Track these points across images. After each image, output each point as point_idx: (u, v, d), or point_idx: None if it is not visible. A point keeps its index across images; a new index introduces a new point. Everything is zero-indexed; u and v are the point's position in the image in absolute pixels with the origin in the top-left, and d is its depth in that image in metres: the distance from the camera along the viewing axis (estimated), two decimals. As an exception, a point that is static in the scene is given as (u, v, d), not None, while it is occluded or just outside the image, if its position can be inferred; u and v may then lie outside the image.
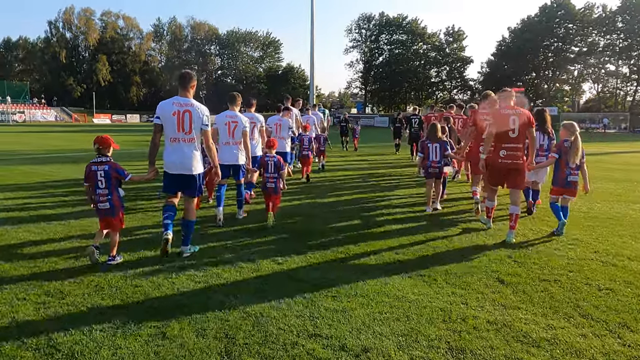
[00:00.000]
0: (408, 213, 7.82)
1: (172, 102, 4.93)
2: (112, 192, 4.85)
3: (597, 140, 33.27)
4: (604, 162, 17.53)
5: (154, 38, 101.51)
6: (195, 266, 4.88)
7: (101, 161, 4.85)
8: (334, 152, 19.72)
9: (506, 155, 6.05)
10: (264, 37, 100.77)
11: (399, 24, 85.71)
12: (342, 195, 9.65)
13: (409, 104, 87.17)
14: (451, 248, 5.74)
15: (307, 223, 6.97)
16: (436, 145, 7.88)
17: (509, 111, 6.07)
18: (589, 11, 71.46)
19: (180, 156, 4.94)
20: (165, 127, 4.93)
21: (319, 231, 6.44)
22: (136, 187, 9.40)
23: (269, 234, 6.26)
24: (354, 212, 7.83)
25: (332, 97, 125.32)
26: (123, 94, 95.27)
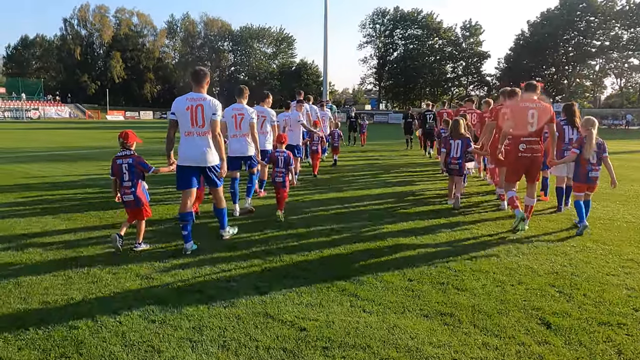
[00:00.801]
0: (422, 220, 6.80)
1: (186, 98, 5.07)
2: (135, 184, 5.06)
3: (618, 137, 31.63)
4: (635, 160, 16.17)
5: (168, 35, 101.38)
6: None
7: (125, 154, 5.08)
8: (343, 149, 18.62)
9: (525, 149, 6.02)
10: (277, 33, 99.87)
11: (414, 18, 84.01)
12: (349, 191, 9.39)
13: (424, 100, 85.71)
14: (476, 270, 4.66)
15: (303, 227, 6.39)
16: (458, 141, 7.78)
17: (528, 104, 6.01)
18: (612, 3, 68.95)
19: (195, 149, 5.07)
20: (180, 122, 5.07)
21: (318, 245, 5.47)
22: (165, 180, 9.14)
23: (275, 230, 6.12)
24: (362, 217, 7.04)
25: (346, 94, 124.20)
26: (137, 91, 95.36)
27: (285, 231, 6.11)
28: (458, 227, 6.42)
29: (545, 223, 6.67)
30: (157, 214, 6.82)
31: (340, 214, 7.19)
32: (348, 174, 11.93)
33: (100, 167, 12.63)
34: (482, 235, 6.02)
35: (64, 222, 6.51)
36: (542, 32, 71.74)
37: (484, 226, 6.51)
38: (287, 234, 6.00)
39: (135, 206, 5.11)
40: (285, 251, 5.22)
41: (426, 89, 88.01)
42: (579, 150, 6.09)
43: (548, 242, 5.67)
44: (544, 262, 4.90)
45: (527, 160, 6.06)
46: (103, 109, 79.61)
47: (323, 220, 6.70)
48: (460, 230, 6.24)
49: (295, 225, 6.40)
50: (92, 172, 11.82)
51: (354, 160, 15.62)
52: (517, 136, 6.10)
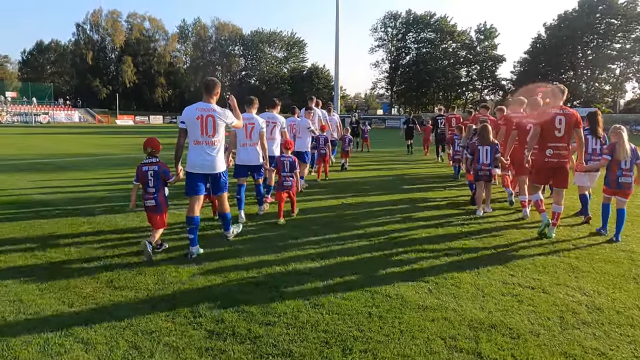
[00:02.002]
0: (439, 241, 6.30)
1: (196, 107, 5.24)
2: (159, 190, 5.24)
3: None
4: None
5: (179, 39, 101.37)
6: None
7: (152, 162, 5.26)
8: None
9: (552, 155, 6.12)
10: (288, 37, 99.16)
11: (427, 21, 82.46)
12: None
13: (436, 104, 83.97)
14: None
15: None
16: (487, 148, 7.81)
17: (556, 110, 6.08)
18: (633, 4, 66.58)
19: (204, 158, 5.26)
20: (189, 131, 5.25)
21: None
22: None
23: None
24: (368, 226, 7.00)
25: (358, 98, 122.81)
26: (148, 95, 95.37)
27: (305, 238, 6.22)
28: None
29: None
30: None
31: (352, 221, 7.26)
32: (361, 179, 12.16)
33: (68, 179, 11.52)
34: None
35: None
36: (559, 35, 69.61)
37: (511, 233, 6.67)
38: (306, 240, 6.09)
39: (156, 211, 5.27)
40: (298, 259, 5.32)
41: (439, 94, 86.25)
42: (610, 156, 6.13)
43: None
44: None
45: (552, 165, 6.18)
46: (113, 113, 79.42)
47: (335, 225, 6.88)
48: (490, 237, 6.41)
49: (309, 232, 6.51)
50: (51, 184, 10.70)
51: (364, 165, 15.77)
52: (544, 142, 6.19)
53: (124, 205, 8.18)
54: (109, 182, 11.43)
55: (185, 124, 5.24)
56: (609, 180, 6.23)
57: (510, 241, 6.25)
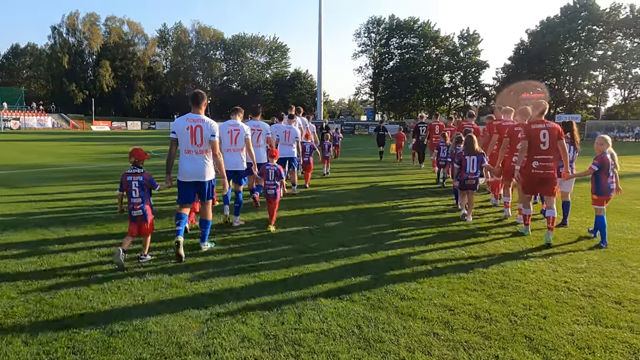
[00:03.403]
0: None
1: (186, 118, 5.53)
2: (145, 200, 5.30)
3: (630, 153, 29.03)
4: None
5: (159, 43, 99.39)
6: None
7: (136, 172, 5.31)
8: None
9: (538, 166, 6.44)
10: (270, 42, 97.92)
11: (410, 27, 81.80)
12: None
13: (420, 110, 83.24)
14: None
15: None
16: (474, 157, 7.93)
17: (540, 125, 6.47)
18: (615, 12, 66.77)
19: (193, 166, 5.53)
20: (180, 141, 5.52)
21: None
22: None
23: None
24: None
25: (342, 104, 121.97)
26: (126, 100, 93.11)
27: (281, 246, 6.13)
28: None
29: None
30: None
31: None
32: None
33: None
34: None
35: None
36: (542, 42, 69.44)
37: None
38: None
39: (143, 220, 5.30)
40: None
41: (423, 100, 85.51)
42: (597, 167, 6.33)
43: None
44: None
45: (538, 176, 6.46)
46: (89, 119, 77.08)
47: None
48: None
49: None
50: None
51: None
52: (531, 155, 6.50)
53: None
54: (25, 201, 9.82)
55: (176, 134, 5.49)
56: (602, 190, 6.36)
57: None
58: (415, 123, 18.49)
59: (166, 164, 5.59)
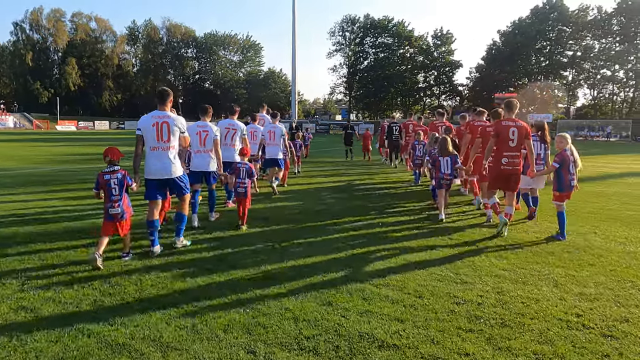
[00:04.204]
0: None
1: (152, 115, 5.49)
2: (122, 198, 5.22)
3: (616, 152, 29.10)
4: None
5: (128, 41, 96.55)
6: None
7: (113, 170, 5.24)
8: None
9: (507, 163, 6.66)
10: (243, 40, 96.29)
11: (385, 26, 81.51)
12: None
13: (395, 110, 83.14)
14: None
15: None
16: (447, 158, 8.02)
17: (510, 123, 6.71)
18: (583, 13, 68.01)
19: (159, 163, 5.45)
20: (145, 138, 5.44)
21: None
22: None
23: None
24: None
25: (317, 104, 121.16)
26: (95, 99, 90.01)
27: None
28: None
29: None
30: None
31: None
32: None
33: None
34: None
35: None
36: (513, 42, 70.13)
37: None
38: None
39: (121, 219, 5.22)
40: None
41: (397, 99, 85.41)
42: (559, 164, 6.54)
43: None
44: None
45: (506, 172, 6.70)
46: (54, 118, 74.14)
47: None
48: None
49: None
50: None
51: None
52: (499, 152, 6.70)
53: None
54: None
55: (142, 131, 5.42)
56: (563, 186, 6.58)
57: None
58: (386, 123, 18.93)
59: (133, 164, 5.49)
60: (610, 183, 13.07)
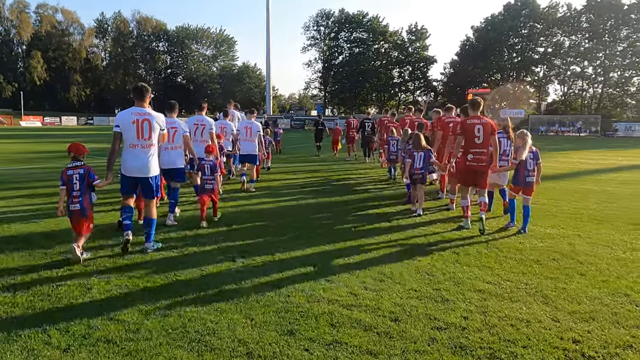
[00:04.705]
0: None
1: (131, 112, 5.38)
2: (83, 194, 5.10)
3: (575, 148, 29.37)
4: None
5: (97, 34, 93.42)
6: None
7: (76, 165, 5.17)
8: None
9: (473, 159, 6.78)
10: (216, 34, 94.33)
11: (359, 21, 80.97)
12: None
13: (370, 105, 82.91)
14: None
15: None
16: (421, 153, 8.12)
17: (475, 121, 6.82)
18: (554, 10, 68.95)
19: (137, 161, 5.34)
20: (125, 135, 5.31)
21: None
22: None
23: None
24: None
25: (292, 99, 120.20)
26: (62, 94, 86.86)
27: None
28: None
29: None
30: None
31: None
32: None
33: None
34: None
35: None
36: (486, 38, 70.63)
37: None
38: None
39: (81, 215, 5.10)
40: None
41: (373, 94, 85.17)
42: (517, 160, 6.77)
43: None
44: None
45: (472, 169, 6.82)
46: (18, 113, 71.13)
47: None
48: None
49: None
50: None
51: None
52: (466, 149, 6.86)
53: None
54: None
55: (120, 127, 5.29)
56: (518, 180, 6.85)
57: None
58: (352, 118, 19.29)
59: (108, 160, 5.33)
60: (587, 180, 12.89)
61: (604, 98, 67.92)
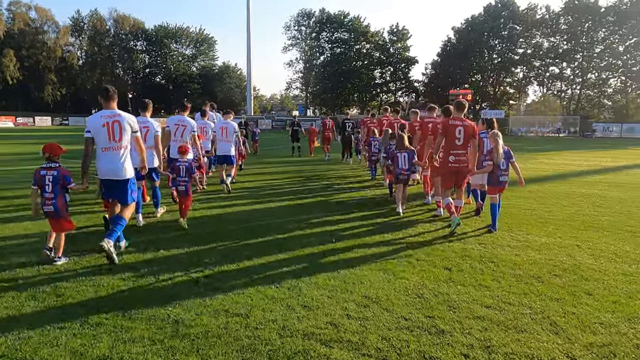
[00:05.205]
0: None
1: (101, 115, 5.25)
2: (57, 196, 5.03)
3: (557, 149, 29.30)
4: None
5: (73, 32, 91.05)
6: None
7: (50, 167, 5.07)
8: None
9: (454, 160, 6.86)
10: (196, 33, 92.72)
11: (341, 21, 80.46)
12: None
13: (352, 106, 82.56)
14: None
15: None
16: (405, 154, 8.12)
17: (457, 122, 6.87)
18: (532, 12, 69.59)
19: (110, 165, 5.26)
20: (96, 139, 5.22)
21: None
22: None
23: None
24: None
25: (274, 99, 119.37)
26: (36, 94, 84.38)
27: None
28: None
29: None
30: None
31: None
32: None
33: None
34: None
35: None
36: (467, 39, 70.87)
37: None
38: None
39: (56, 217, 5.08)
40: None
41: (354, 95, 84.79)
42: (491, 161, 6.87)
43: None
44: None
45: (454, 169, 6.89)
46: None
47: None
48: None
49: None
50: None
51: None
52: (447, 149, 6.90)
53: None
54: None
55: (92, 132, 5.20)
56: (492, 181, 6.96)
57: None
58: (327, 119, 19.30)
59: (82, 165, 5.21)
60: (573, 182, 12.53)
61: (582, 99, 68.79)
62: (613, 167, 16.95)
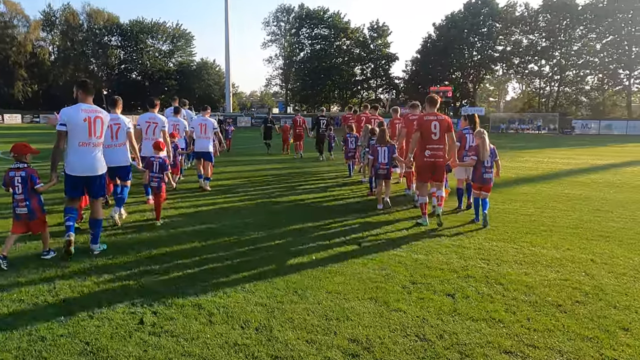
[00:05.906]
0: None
1: (80, 109, 5.05)
2: (29, 197, 4.95)
3: (539, 146, 28.97)
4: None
5: (44, 27, 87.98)
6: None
7: (18, 167, 4.97)
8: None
9: (430, 155, 6.94)
10: (173, 28, 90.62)
11: (320, 17, 79.39)
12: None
13: (332, 103, 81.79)
14: None
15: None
16: (385, 148, 8.20)
17: (431, 117, 6.97)
18: (512, 9, 69.80)
19: (86, 160, 5.11)
20: (73, 133, 5.04)
21: None
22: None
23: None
24: None
25: (254, 96, 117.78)
26: (5, 90, 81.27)
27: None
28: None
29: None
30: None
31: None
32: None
33: None
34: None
35: None
36: (448, 36, 70.67)
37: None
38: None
39: (31, 218, 4.99)
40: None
41: (335, 92, 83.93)
42: (476, 157, 6.96)
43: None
44: None
45: (430, 164, 6.97)
46: (-47, 111, 65.85)
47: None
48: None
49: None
50: None
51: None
52: (423, 144, 6.99)
53: None
54: None
55: (67, 126, 4.99)
56: (475, 178, 7.05)
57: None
58: (299, 116, 19.24)
59: (52, 160, 5.04)
60: (565, 182, 11.92)
61: (560, 96, 69.32)
62: (602, 165, 16.48)
